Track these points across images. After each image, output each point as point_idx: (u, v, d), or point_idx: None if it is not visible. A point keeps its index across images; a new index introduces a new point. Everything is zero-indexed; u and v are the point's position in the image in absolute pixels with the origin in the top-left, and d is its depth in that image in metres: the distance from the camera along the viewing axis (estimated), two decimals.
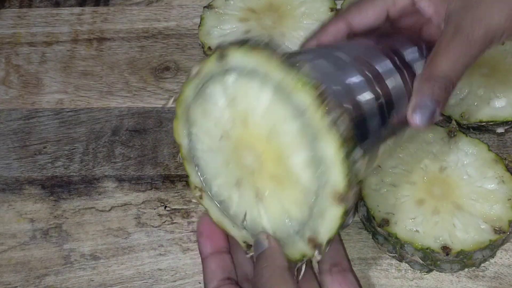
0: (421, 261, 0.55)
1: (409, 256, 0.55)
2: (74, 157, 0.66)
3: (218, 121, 0.43)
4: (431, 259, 0.55)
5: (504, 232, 0.54)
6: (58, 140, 0.67)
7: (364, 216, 0.58)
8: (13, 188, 0.64)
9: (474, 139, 0.59)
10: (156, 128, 0.68)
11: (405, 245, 0.55)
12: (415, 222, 0.55)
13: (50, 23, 0.77)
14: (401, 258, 0.57)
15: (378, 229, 0.56)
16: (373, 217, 0.56)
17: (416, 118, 0.44)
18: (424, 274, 0.57)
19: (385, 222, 0.55)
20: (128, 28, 0.76)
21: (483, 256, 0.55)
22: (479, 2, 0.45)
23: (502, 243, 0.57)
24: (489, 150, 0.59)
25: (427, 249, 0.54)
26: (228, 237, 0.48)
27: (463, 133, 0.60)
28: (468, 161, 0.58)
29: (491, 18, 0.45)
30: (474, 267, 0.57)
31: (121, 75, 0.72)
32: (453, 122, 0.61)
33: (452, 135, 0.59)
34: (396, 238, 0.55)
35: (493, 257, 0.57)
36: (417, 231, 0.55)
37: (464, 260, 0.55)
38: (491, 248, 0.54)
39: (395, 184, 0.58)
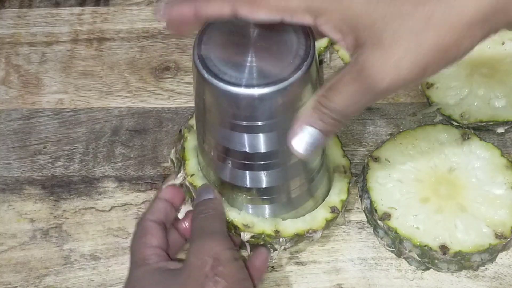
0: (418, 258, 0.55)
1: (406, 252, 0.56)
2: (74, 157, 0.66)
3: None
4: (428, 257, 0.55)
5: (505, 238, 0.54)
6: (58, 140, 0.67)
7: (367, 208, 0.58)
8: (13, 188, 0.64)
9: (488, 143, 0.59)
10: (156, 128, 0.68)
11: (404, 241, 0.55)
12: (417, 219, 0.55)
13: (50, 23, 0.77)
14: (399, 254, 0.57)
15: (379, 222, 0.56)
16: (376, 210, 0.56)
17: (293, 144, 0.42)
18: (422, 272, 0.57)
19: (387, 216, 0.56)
20: (128, 28, 0.76)
21: (482, 260, 0.55)
22: (392, 44, 0.38)
23: (503, 249, 0.57)
24: (502, 155, 0.58)
25: (425, 246, 0.54)
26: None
27: (478, 136, 0.60)
28: (479, 164, 0.58)
29: (400, 68, 0.39)
30: (472, 270, 0.56)
31: (121, 75, 0.72)
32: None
33: (466, 138, 0.59)
34: (396, 233, 0.55)
35: (492, 262, 0.57)
36: (417, 228, 0.55)
37: (462, 261, 0.55)
38: (491, 252, 0.55)
39: (402, 180, 0.58)
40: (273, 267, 0.58)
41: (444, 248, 0.54)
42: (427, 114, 0.66)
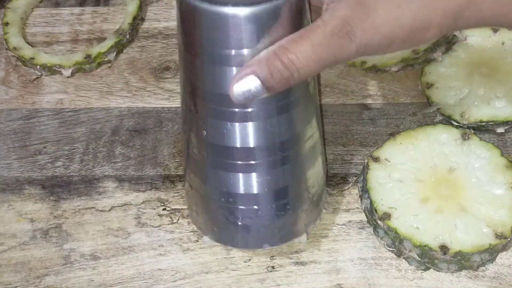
0: (418, 258, 0.55)
1: (406, 252, 0.56)
2: (74, 157, 0.66)
3: None
4: (429, 257, 0.55)
5: (505, 238, 0.54)
6: (58, 140, 0.67)
7: (367, 208, 0.58)
8: (13, 188, 0.64)
9: (488, 143, 0.59)
10: (156, 128, 0.68)
11: (404, 241, 0.55)
12: (417, 219, 0.55)
13: (50, 23, 0.77)
14: (399, 254, 0.57)
15: (379, 222, 0.56)
16: (376, 210, 0.56)
17: (234, 89, 0.40)
18: (421, 272, 0.57)
19: (387, 216, 0.56)
20: None
21: (482, 260, 0.55)
22: (375, 8, 0.38)
23: (503, 249, 0.57)
24: (502, 155, 0.58)
25: (425, 246, 0.54)
26: None
27: (478, 136, 0.60)
28: (479, 164, 0.58)
29: (376, 34, 0.38)
30: (472, 270, 0.56)
31: (121, 75, 0.72)
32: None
33: (466, 138, 0.59)
34: (396, 233, 0.55)
35: (492, 262, 0.57)
36: (417, 228, 0.55)
37: (462, 261, 0.55)
38: (491, 252, 0.55)
39: (402, 180, 0.58)
40: (273, 267, 0.58)
41: (444, 248, 0.54)
42: (427, 114, 0.66)
